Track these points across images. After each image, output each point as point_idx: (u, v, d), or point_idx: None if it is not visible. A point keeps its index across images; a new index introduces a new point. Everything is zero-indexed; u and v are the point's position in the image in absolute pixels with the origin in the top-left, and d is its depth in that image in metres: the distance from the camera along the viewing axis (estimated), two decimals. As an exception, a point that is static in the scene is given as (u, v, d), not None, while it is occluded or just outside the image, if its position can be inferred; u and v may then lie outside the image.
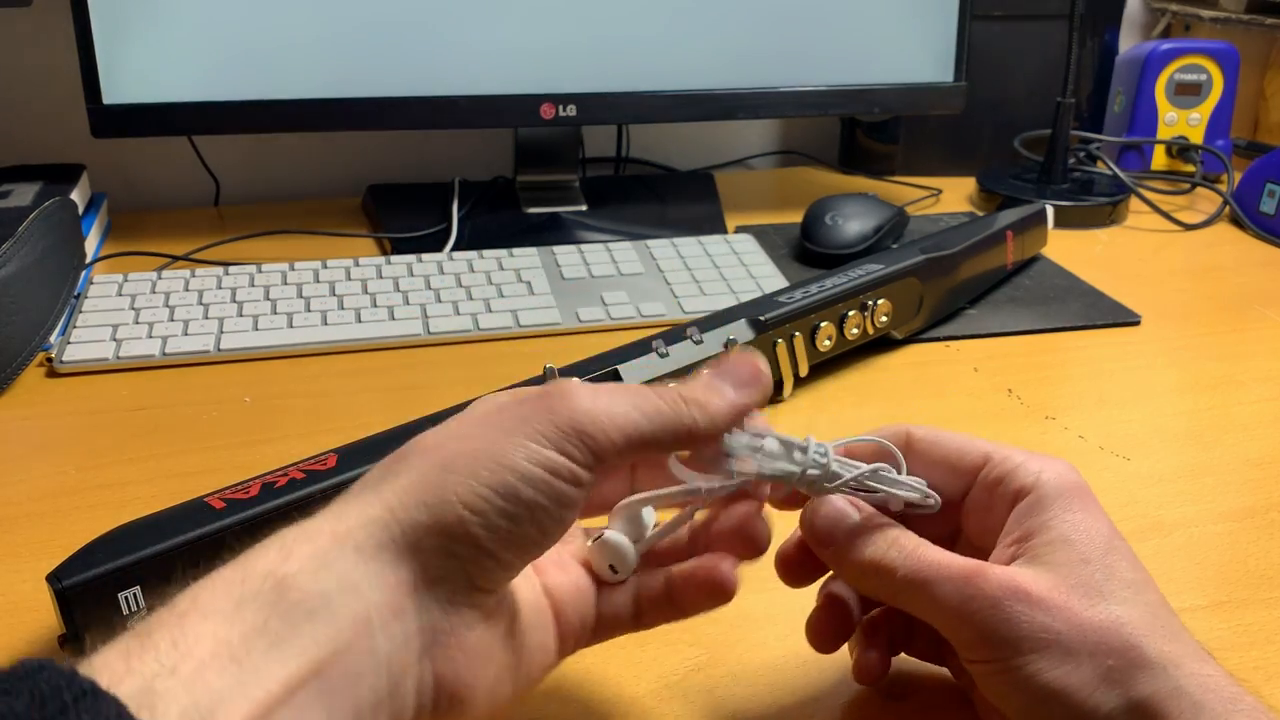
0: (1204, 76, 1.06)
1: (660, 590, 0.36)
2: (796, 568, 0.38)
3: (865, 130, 1.12)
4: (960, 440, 0.37)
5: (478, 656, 0.30)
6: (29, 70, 0.92)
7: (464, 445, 0.30)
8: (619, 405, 0.31)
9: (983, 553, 0.35)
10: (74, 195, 0.79)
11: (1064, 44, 0.93)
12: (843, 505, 0.35)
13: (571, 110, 0.84)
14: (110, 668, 0.24)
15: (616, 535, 0.36)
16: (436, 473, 0.29)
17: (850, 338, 0.64)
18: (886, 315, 0.65)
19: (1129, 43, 1.19)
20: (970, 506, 0.37)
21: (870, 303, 0.64)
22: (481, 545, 0.29)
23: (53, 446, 0.56)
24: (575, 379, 0.31)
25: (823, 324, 0.62)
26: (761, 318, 0.59)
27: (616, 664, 0.42)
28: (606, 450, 0.30)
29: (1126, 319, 0.74)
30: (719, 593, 0.35)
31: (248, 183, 1.00)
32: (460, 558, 0.29)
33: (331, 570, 0.27)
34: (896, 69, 0.90)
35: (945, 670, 0.40)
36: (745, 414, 0.34)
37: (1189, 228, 0.94)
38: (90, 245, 0.81)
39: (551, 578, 0.35)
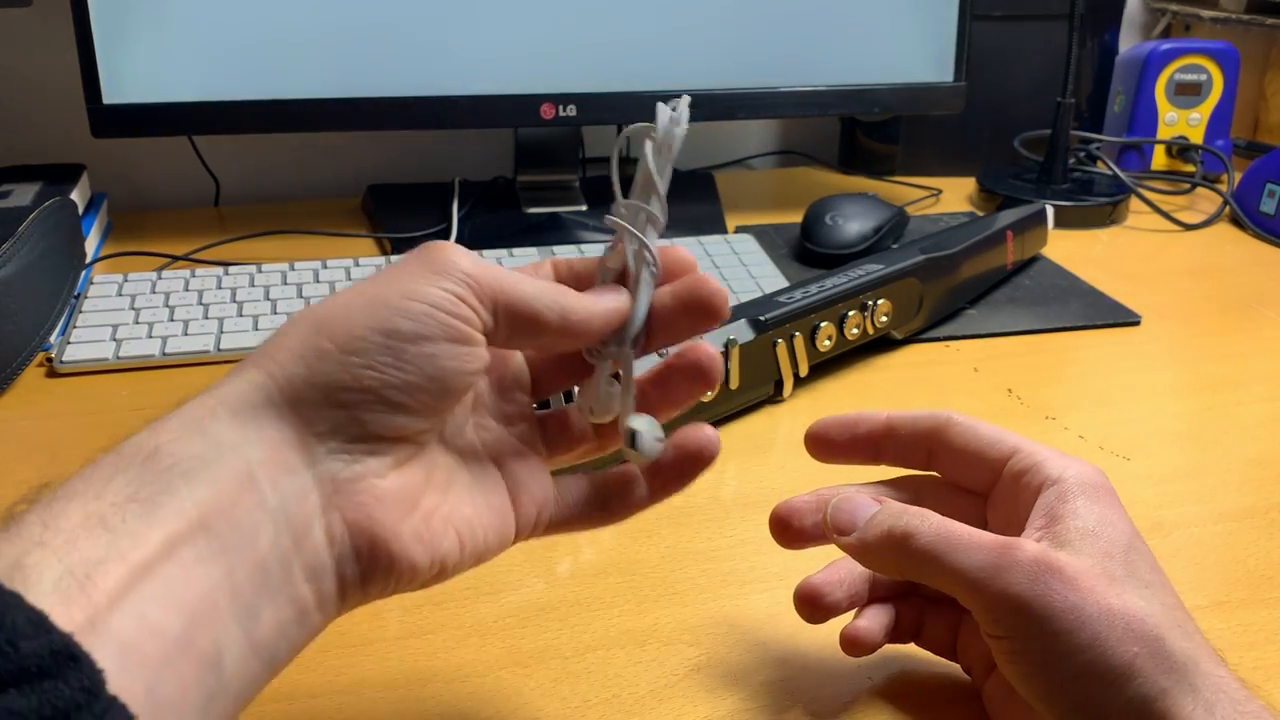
0: (1204, 76, 1.06)
1: (622, 477, 0.36)
2: (795, 530, 0.39)
3: (865, 130, 1.12)
4: (994, 432, 0.37)
5: (396, 504, 0.30)
6: (29, 70, 0.92)
7: (339, 300, 0.30)
8: (491, 266, 0.31)
9: None
10: (74, 195, 0.79)
11: (1064, 44, 0.93)
12: (864, 498, 0.36)
13: (571, 110, 0.84)
14: None
15: (641, 419, 0.34)
16: (309, 328, 0.29)
17: (850, 338, 0.64)
18: (886, 315, 0.65)
19: (1129, 43, 1.19)
20: (995, 498, 0.37)
21: (870, 303, 0.64)
22: (366, 387, 0.28)
23: (52, 446, 0.56)
24: (452, 243, 0.31)
25: (823, 324, 0.62)
26: (761, 318, 0.59)
27: (616, 664, 0.42)
28: (486, 294, 0.30)
29: (1126, 319, 0.74)
30: (705, 458, 0.35)
31: (248, 183, 1.00)
32: (348, 405, 0.28)
33: (205, 434, 0.27)
34: (896, 69, 0.90)
35: (950, 669, 0.40)
36: (613, 319, 0.34)
37: (1189, 228, 0.94)
38: (90, 245, 0.81)
39: (501, 453, 0.34)
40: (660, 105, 0.35)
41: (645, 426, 0.34)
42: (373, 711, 0.39)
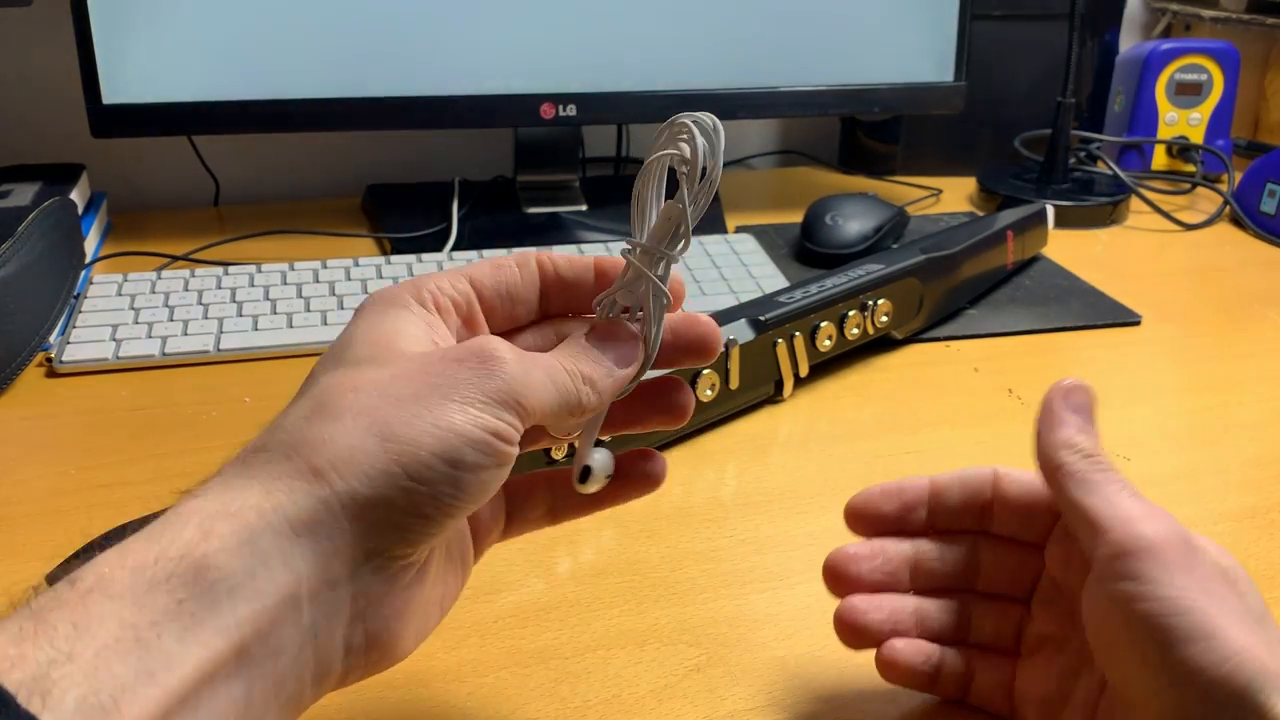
0: (1204, 76, 1.06)
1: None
2: (851, 578, 0.38)
3: (865, 130, 1.12)
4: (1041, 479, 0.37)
5: (408, 608, 0.30)
6: (29, 70, 0.92)
7: (400, 410, 0.28)
8: (538, 377, 0.30)
9: (1064, 587, 0.35)
10: (74, 195, 0.79)
11: (1064, 44, 0.93)
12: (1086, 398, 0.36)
13: (571, 110, 0.84)
14: (0, 653, 0.22)
15: (597, 455, 0.35)
16: (375, 440, 0.28)
17: (850, 338, 0.64)
18: (886, 315, 0.65)
19: (1129, 42, 1.19)
20: (1055, 548, 0.37)
21: (870, 303, 0.64)
22: (426, 513, 0.28)
23: (53, 446, 0.56)
24: (494, 337, 0.31)
25: (823, 324, 0.62)
26: (761, 318, 0.59)
27: (616, 664, 0.42)
28: (530, 418, 0.30)
29: (1127, 319, 0.74)
30: (650, 485, 0.36)
31: (248, 183, 1.00)
32: (402, 528, 0.28)
33: (257, 546, 0.26)
34: (896, 69, 0.90)
35: None
36: (626, 384, 0.34)
37: (1189, 228, 0.94)
38: (90, 245, 0.81)
39: None
40: (697, 121, 0.31)
41: (599, 464, 0.35)
42: (373, 711, 0.39)
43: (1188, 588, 0.30)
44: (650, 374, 0.35)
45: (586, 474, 0.34)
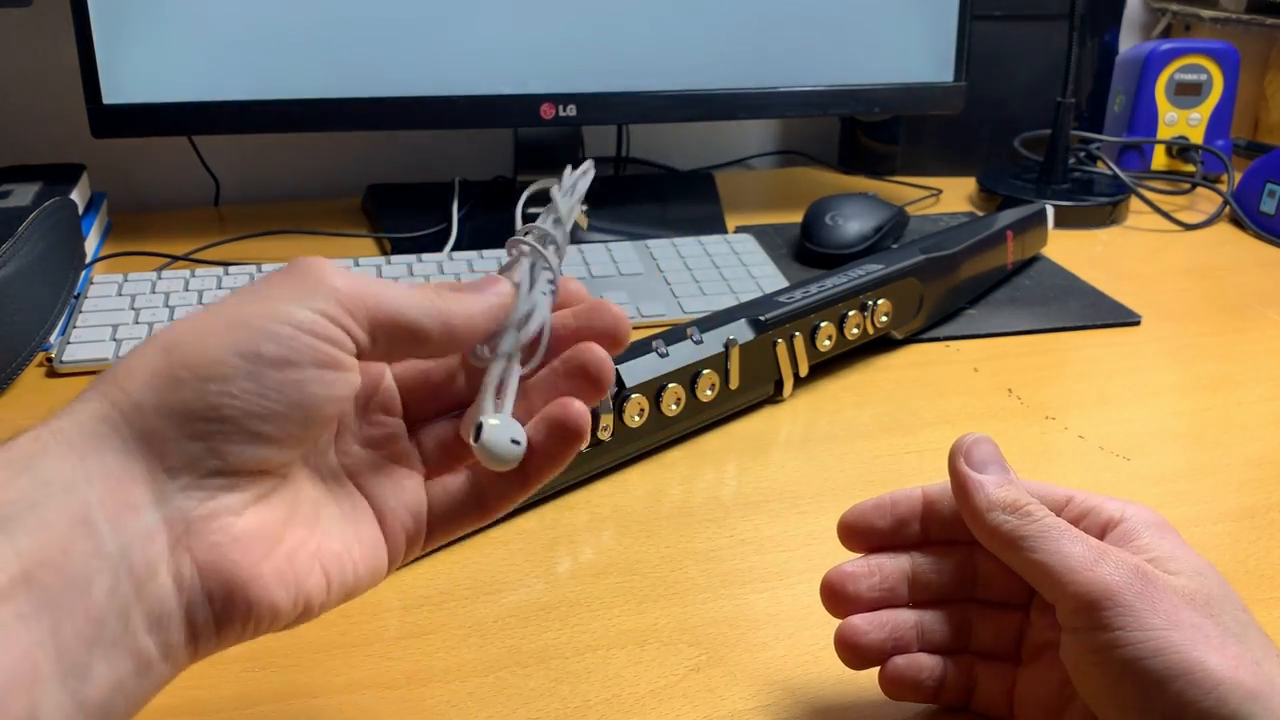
0: (1204, 76, 1.06)
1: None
2: (849, 596, 0.38)
3: (865, 130, 1.12)
4: (1042, 485, 0.37)
5: (256, 542, 0.27)
6: (29, 70, 0.92)
7: (195, 321, 0.27)
8: (363, 280, 0.29)
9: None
10: (74, 195, 0.79)
11: (1064, 44, 0.93)
12: (997, 450, 0.36)
13: (571, 110, 0.84)
14: None
15: (493, 419, 0.32)
16: (161, 351, 0.27)
17: (850, 338, 0.64)
18: (886, 315, 0.65)
19: (1129, 43, 1.19)
20: None
21: (870, 303, 0.64)
22: (225, 416, 0.26)
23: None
24: (323, 258, 0.29)
25: (823, 324, 0.62)
26: (761, 318, 0.59)
27: (616, 664, 0.42)
28: (359, 311, 0.28)
29: (1126, 319, 0.74)
30: (572, 434, 0.32)
31: (248, 183, 1.00)
32: (204, 437, 0.26)
33: (33, 473, 0.25)
34: (896, 69, 0.90)
35: None
36: (490, 325, 0.32)
37: (1189, 228, 0.94)
38: (90, 245, 0.81)
39: (365, 478, 0.33)
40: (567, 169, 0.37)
41: (503, 427, 0.32)
42: (373, 711, 0.39)
43: (1156, 627, 0.30)
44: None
45: (479, 432, 0.31)
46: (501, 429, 0.32)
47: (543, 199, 0.36)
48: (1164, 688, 0.30)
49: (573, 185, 0.36)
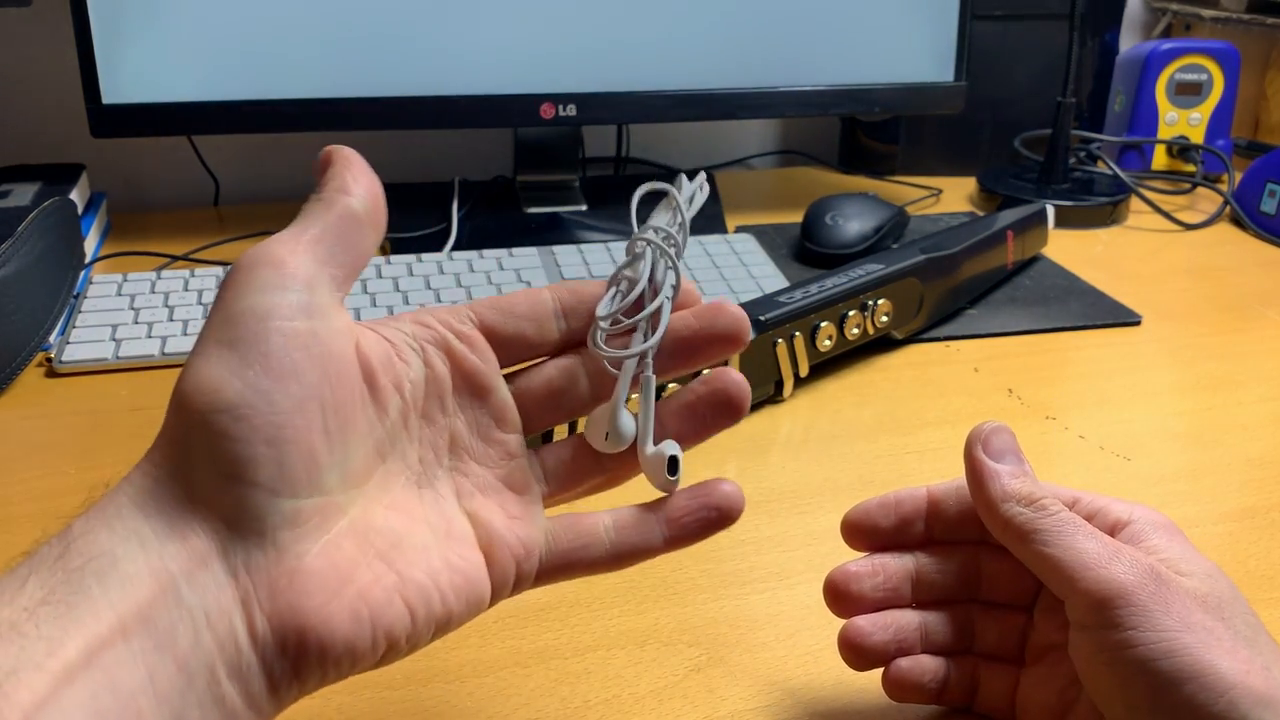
0: (1204, 76, 1.06)
1: (639, 517, 0.33)
2: (853, 596, 0.37)
3: (865, 130, 1.12)
4: (1049, 486, 0.36)
5: (324, 583, 0.27)
6: (29, 70, 0.92)
7: (187, 368, 0.27)
8: (284, 236, 0.29)
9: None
10: (73, 195, 0.79)
11: (1064, 44, 0.93)
12: (1014, 440, 0.35)
13: (571, 110, 0.84)
14: None
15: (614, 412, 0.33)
16: (172, 404, 0.27)
17: (850, 338, 0.64)
18: (887, 315, 0.65)
19: (1129, 42, 1.19)
20: None
21: (870, 303, 0.64)
22: (246, 438, 0.26)
23: (52, 446, 0.56)
24: (255, 246, 0.29)
25: (823, 324, 0.62)
26: (761, 318, 0.59)
27: (616, 664, 0.42)
28: (306, 264, 0.28)
29: (1127, 319, 0.74)
30: (724, 516, 0.33)
31: (248, 183, 1.00)
32: (238, 475, 0.26)
33: (113, 530, 0.26)
34: (896, 69, 0.90)
35: None
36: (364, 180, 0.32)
37: (1189, 228, 0.94)
38: (90, 245, 0.81)
39: (475, 500, 0.32)
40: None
41: (678, 452, 0.32)
42: (373, 711, 0.39)
43: (1170, 629, 0.30)
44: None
45: (671, 462, 0.32)
46: (679, 455, 0.32)
47: (650, 200, 0.35)
48: (1175, 690, 0.30)
49: (691, 196, 0.36)
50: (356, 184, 0.31)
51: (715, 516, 0.33)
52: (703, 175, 0.37)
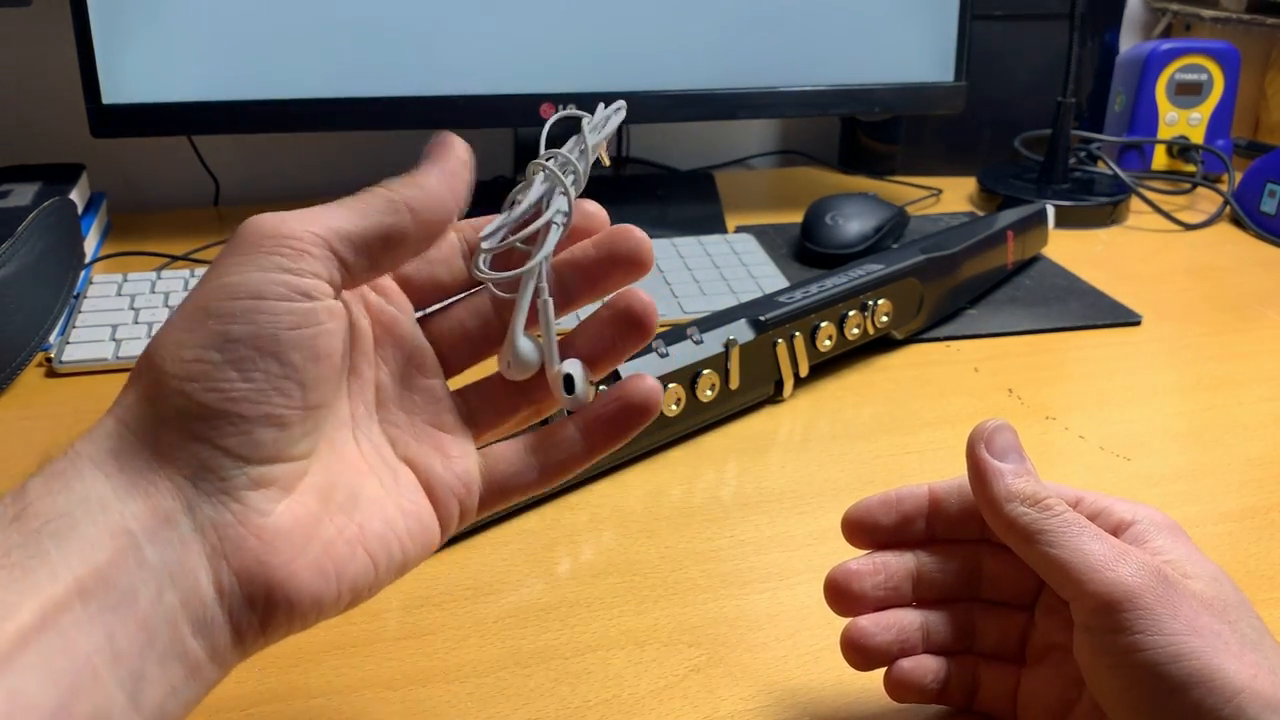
0: (1204, 76, 1.06)
1: (554, 434, 0.33)
2: (854, 595, 0.37)
3: (865, 130, 1.12)
4: (1053, 485, 0.36)
5: (290, 540, 0.27)
6: (29, 70, 0.92)
7: (167, 329, 0.27)
8: (310, 214, 0.29)
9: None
10: (73, 195, 0.79)
11: (1064, 44, 0.93)
12: (1017, 439, 0.35)
13: (571, 110, 0.84)
14: None
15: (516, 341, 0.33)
16: (148, 369, 0.27)
17: (850, 338, 0.64)
18: (887, 315, 0.65)
19: (1129, 42, 1.19)
20: None
21: (870, 303, 0.64)
22: (219, 411, 0.26)
23: (53, 447, 0.56)
24: (267, 214, 0.29)
25: (823, 324, 0.62)
26: (761, 318, 0.59)
27: (617, 664, 0.42)
28: (317, 248, 0.28)
29: (1127, 319, 0.74)
30: (639, 409, 0.33)
31: (248, 183, 1.00)
32: (207, 437, 0.26)
33: (71, 490, 0.26)
34: (896, 69, 0.90)
35: None
36: (461, 188, 0.32)
37: (1189, 228, 0.94)
38: (90, 245, 0.81)
39: (410, 447, 0.32)
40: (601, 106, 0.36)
41: (576, 370, 0.33)
42: (373, 711, 0.39)
43: (1177, 632, 0.30)
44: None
45: (568, 381, 0.32)
46: (580, 374, 0.33)
47: (571, 129, 0.35)
48: (1182, 694, 0.29)
49: (604, 120, 0.35)
50: (425, 177, 0.31)
51: (625, 407, 0.33)
52: (620, 103, 0.36)
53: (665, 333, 0.56)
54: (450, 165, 0.31)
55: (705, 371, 0.56)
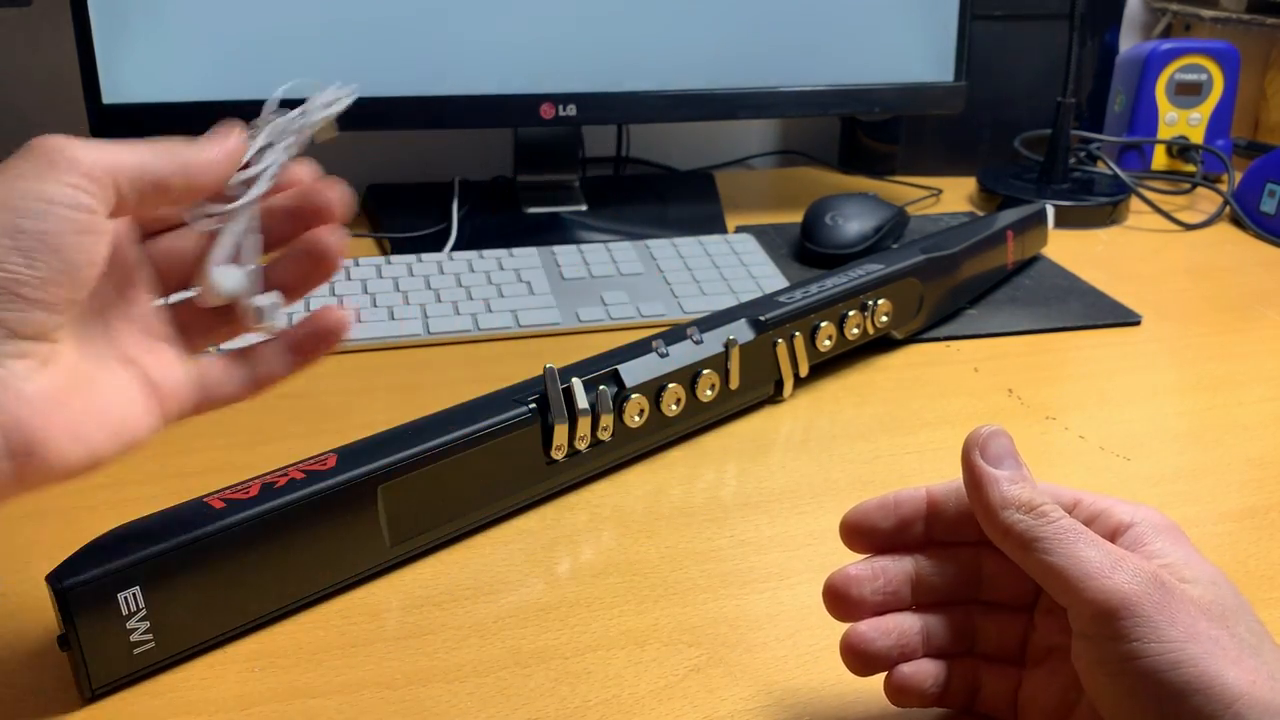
0: (1204, 76, 1.06)
1: (259, 351, 0.40)
2: (854, 600, 0.37)
3: (865, 130, 1.12)
4: (1049, 486, 0.36)
5: (45, 404, 0.32)
6: (29, 70, 0.92)
7: None
8: (105, 147, 0.34)
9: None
10: (74, 195, 0.79)
11: (1064, 44, 0.93)
12: (1012, 445, 0.35)
13: (571, 110, 0.84)
14: None
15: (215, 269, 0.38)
16: None
17: (850, 338, 0.64)
18: (886, 315, 0.65)
19: (1129, 42, 1.19)
20: None
21: (870, 303, 0.64)
22: (3, 289, 0.30)
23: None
24: (61, 136, 0.34)
25: (823, 324, 0.62)
26: (761, 318, 0.59)
27: (617, 664, 0.42)
28: (105, 176, 0.33)
29: (1127, 319, 0.74)
30: (332, 327, 0.40)
31: (248, 183, 1.00)
32: None
33: None
34: (896, 69, 0.90)
35: None
36: (231, 168, 0.37)
37: (1189, 228, 0.94)
38: (90, 245, 0.81)
39: (132, 352, 0.37)
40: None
41: (266, 300, 0.38)
42: (373, 711, 0.39)
43: (1175, 640, 0.30)
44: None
45: (258, 312, 0.38)
46: (268, 305, 0.38)
47: (295, 103, 0.41)
48: (1181, 701, 0.29)
49: (330, 100, 0.41)
50: (207, 149, 0.36)
51: (314, 332, 0.40)
52: (355, 86, 0.42)
53: (665, 333, 0.56)
54: (229, 145, 0.37)
55: (705, 371, 0.56)
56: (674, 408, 0.55)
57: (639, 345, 0.55)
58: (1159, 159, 1.08)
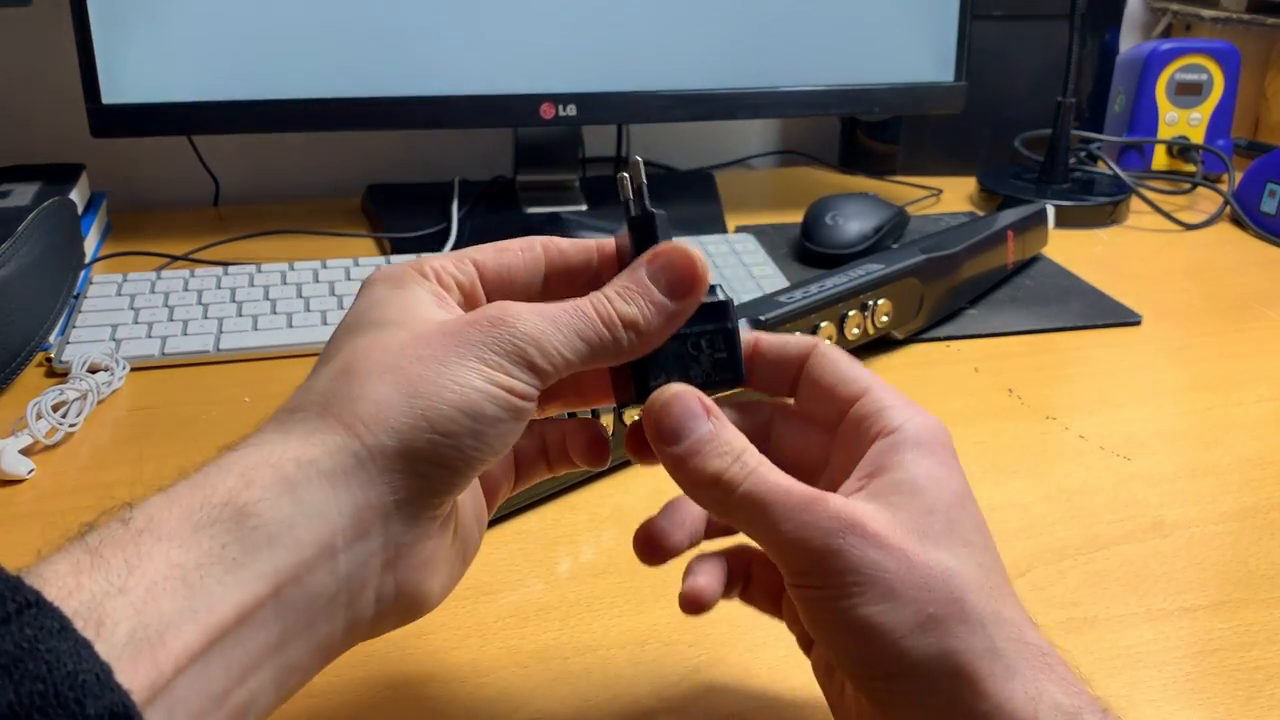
0: (1205, 76, 1.06)
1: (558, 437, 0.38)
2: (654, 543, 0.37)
3: (865, 130, 1.12)
4: (852, 369, 0.36)
5: (434, 561, 0.32)
6: (29, 70, 0.92)
7: (422, 369, 0.30)
8: (559, 332, 0.31)
9: (839, 486, 0.34)
10: (73, 195, 0.79)
11: (1064, 44, 0.93)
12: (695, 405, 0.33)
13: (571, 110, 0.84)
14: (59, 580, 0.24)
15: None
16: (401, 397, 0.29)
17: (850, 338, 0.64)
18: (887, 315, 0.65)
19: (1129, 42, 1.19)
20: (840, 438, 0.35)
21: (870, 303, 0.64)
22: (450, 465, 0.30)
23: (52, 446, 0.56)
24: (510, 301, 0.32)
25: (823, 324, 0.62)
26: (761, 318, 0.59)
27: (617, 664, 0.42)
28: (549, 373, 0.31)
29: (1127, 319, 0.74)
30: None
31: (248, 183, 1.00)
32: (429, 478, 0.29)
33: (297, 496, 0.28)
34: (896, 69, 0.90)
35: None
36: (679, 322, 0.34)
37: (1189, 228, 0.94)
38: (90, 245, 0.81)
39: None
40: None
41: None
42: (373, 711, 0.39)
43: (869, 582, 0.30)
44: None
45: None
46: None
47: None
48: (865, 639, 0.30)
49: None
50: (661, 314, 0.33)
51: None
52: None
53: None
54: (688, 303, 0.34)
55: (705, 371, 0.56)
56: (674, 408, 0.55)
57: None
58: (1159, 159, 1.08)
